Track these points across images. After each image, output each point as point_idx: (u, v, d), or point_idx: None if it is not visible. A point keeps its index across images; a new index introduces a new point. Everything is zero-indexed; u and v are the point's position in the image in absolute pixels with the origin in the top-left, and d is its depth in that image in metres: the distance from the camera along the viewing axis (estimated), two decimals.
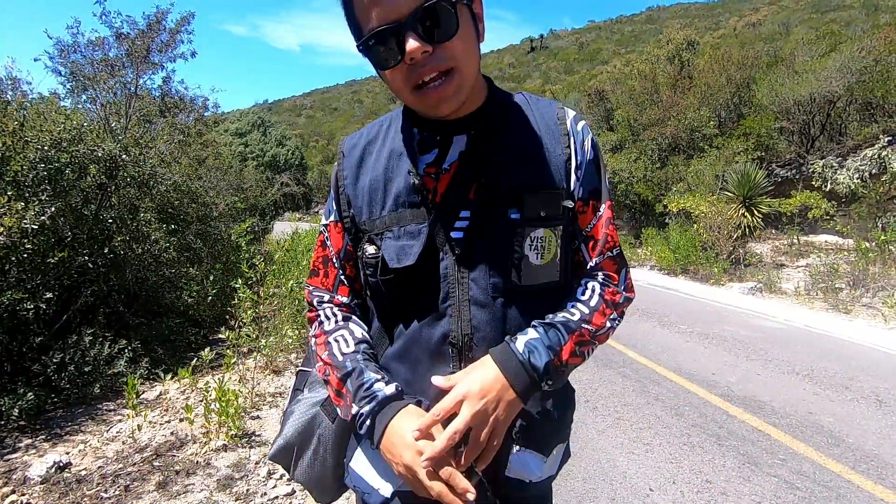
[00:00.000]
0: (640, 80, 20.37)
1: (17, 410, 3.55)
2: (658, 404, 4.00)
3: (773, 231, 13.57)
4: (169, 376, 4.38)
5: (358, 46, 0.77)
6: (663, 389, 4.33)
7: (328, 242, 0.97)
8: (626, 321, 7.00)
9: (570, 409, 0.96)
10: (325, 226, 0.98)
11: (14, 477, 2.93)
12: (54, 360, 4.05)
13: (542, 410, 0.89)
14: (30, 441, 3.41)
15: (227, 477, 2.83)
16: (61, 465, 2.94)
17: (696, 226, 12.56)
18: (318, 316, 0.96)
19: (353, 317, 0.96)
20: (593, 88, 24.03)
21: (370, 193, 0.90)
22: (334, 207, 0.97)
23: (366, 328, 0.96)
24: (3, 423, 3.54)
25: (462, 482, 0.74)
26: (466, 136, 0.87)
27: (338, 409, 0.88)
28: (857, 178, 11.75)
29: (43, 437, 3.48)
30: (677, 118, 16.76)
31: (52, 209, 4.09)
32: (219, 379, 3.35)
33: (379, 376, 0.85)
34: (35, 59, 6.32)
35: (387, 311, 0.92)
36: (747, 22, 66.12)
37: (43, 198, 4.16)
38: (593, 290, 0.90)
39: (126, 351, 4.49)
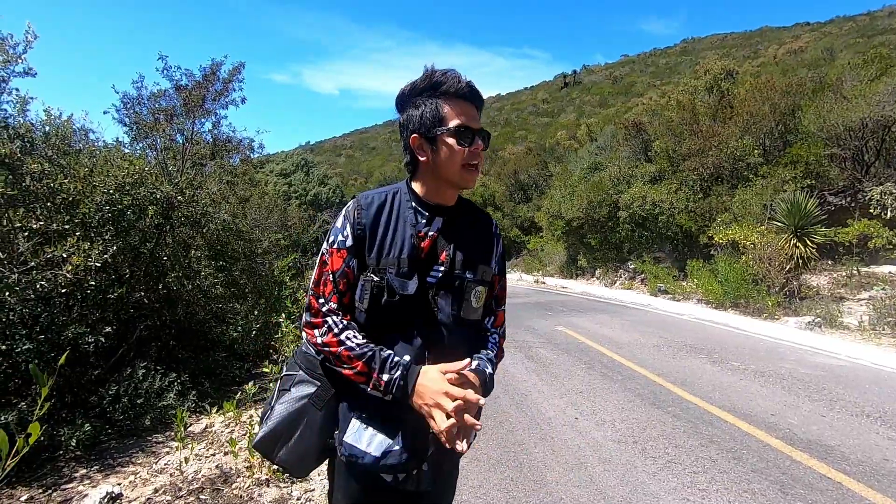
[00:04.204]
0: (678, 110, 20.10)
1: (74, 441, 3.71)
2: (713, 447, 3.76)
3: (830, 262, 12.82)
4: (215, 409, 4.48)
5: (444, 129, 1.26)
6: (718, 431, 4.08)
7: (328, 262, 1.27)
8: (673, 357, 6.65)
9: None
10: (328, 249, 1.28)
11: None
12: (110, 393, 4.22)
13: None
14: (84, 471, 3.53)
15: None
16: (113, 496, 3.02)
17: (744, 257, 12.04)
18: (326, 322, 1.22)
19: (352, 323, 1.25)
20: (629, 121, 23.92)
21: (381, 240, 1.27)
22: (346, 236, 1.27)
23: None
24: (61, 452, 3.70)
25: (472, 419, 1.13)
26: (443, 219, 1.32)
27: (361, 386, 1.18)
28: None
29: (97, 467, 3.60)
30: (719, 148, 16.33)
31: (114, 248, 4.36)
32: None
33: (393, 353, 1.19)
34: (104, 112, 6.93)
35: (376, 323, 1.25)
36: (788, 49, 64.66)
37: (106, 237, 4.44)
38: (495, 344, 1.43)
39: (175, 384, 4.63)
